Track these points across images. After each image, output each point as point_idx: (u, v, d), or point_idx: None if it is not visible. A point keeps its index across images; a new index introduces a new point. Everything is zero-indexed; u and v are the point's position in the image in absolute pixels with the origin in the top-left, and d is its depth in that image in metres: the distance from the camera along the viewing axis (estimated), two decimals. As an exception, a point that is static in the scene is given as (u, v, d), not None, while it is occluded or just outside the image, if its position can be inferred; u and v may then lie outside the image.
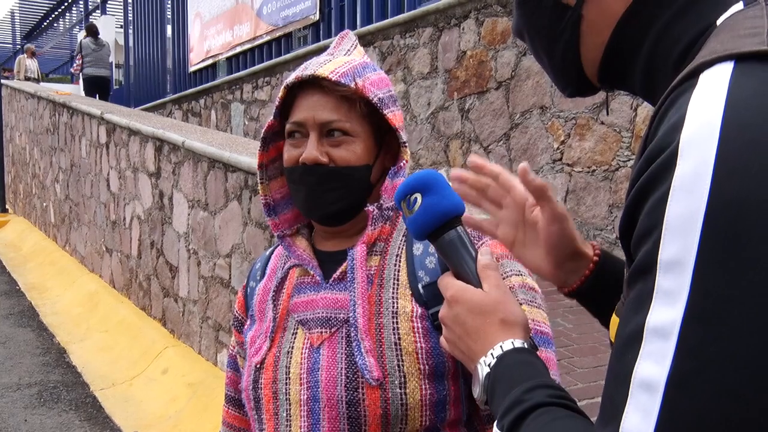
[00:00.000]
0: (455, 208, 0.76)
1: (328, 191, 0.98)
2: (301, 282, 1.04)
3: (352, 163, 0.98)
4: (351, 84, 0.97)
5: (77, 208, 7.47)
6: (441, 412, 0.95)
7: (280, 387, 0.98)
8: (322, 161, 0.97)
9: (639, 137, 3.66)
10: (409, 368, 0.93)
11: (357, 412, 0.93)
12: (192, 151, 4.46)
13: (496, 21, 4.60)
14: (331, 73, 0.96)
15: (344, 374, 0.94)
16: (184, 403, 4.07)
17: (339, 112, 0.97)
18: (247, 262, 3.85)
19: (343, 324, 0.97)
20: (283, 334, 1.02)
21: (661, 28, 0.59)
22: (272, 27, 8.37)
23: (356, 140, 0.98)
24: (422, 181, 0.76)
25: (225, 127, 8.60)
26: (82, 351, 5.23)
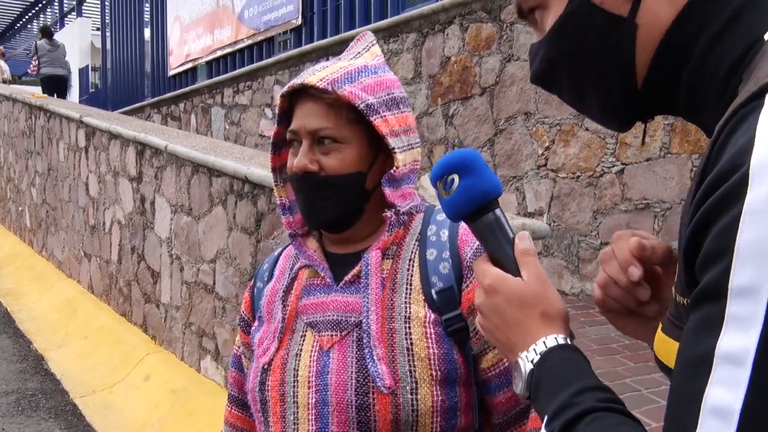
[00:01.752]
0: (494, 190, 0.73)
1: (320, 200, 0.97)
2: (310, 284, 1.03)
3: (340, 171, 0.97)
4: (340, 89, 0.95)
5: (54, 212, 7.35)
6: (452, 418, 0.94)
7: (288, 390, 0.98)
8: (311, 169, 0.96)
9: (623, 143, 3.72)
10: (421, 374, 0.93)
11: (367, 417, 0.92)
12: (175, 155, 4.42)
13: (481, 27, 4.63)
14: (319, 80, 0.96)
15: (354, 378, 0.94)
16: (167, 410, 4.01)
17: (328, 120, 0.96)
18: (232, 267, 3.82)
19: (354, 328, 0.97)
20: (292, 336, 1.01)
21: (709, 41, 0.57)
22: (254, 31, 8.33)
23: (345, 147, 0.97)
24: (460, 161, 0.73)
25: (205, 132, 8.53)
26: (60, 358, 5.14)
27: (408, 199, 1.01)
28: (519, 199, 4.34)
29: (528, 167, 4.28)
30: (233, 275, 3.81)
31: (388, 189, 0.98)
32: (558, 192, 4.08)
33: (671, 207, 3.47)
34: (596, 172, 3.86)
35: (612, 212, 3.76)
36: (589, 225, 3.89)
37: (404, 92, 1.05)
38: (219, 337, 3.95)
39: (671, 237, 3.46)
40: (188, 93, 9.18)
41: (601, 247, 3.82)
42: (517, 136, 4.36)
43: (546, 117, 4.16)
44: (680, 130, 3.44)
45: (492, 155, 4.53)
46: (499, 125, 4.48)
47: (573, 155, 3.99)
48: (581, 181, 3.94)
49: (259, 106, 7.38)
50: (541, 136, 4.19)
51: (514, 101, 4.38)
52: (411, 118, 1.04)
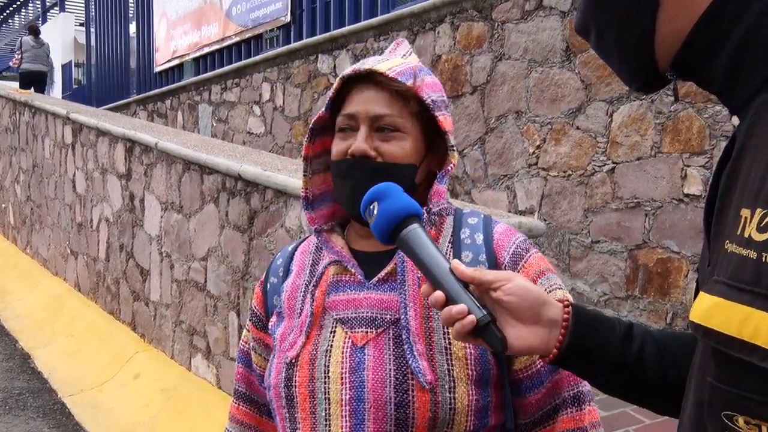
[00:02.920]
0: (406, 209, 0.84)
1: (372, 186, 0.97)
2: (338, 280, 1.02)
3: (399, 160, 0.98)
4: (407, 81, 0.97)
5: (39, 209, 7.26)
6: (484, 417, 0.96)
7: (318, 386, 0.97)
8: (371, 154, 0.97)
9: (614, 142, 3.75)
10: (459, 373, 0.94)
11: (405, 414, 0.92)
12: (166, 152, 4.39)
13: (472, 25, 4.65)
14: (388, 69, 0.97)
15: (393, 375, 0.94)
16: (157, 409, 3.99)
17: (392, 108, 0.98)
18: (224, 265, 3.81)
19: (390, 325, 0.96)
20: (320, 332, 1.00)
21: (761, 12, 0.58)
22: (242, 28, 8.29)
23: (406, 137, 0.98)
24: (376, 190, 0.86)
25: (192, 129, 8.48)
26: (47, 356, 5.09)
27: (440, 198, 1.02)
28: (510, 198, 4.36)
29: (519, 166, 4.30)
30: (225, 273, 3.80)
31: (440, 185, 1.00)
32: (549, 190, 4.11)
33: (662, 206, 3.51)
34: (587, 171, 3.89)
35: (603, 211, 3.80)
36: (580, 223, 3.93)
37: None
38: (210, 335, 3.94)
39: (662, 236, 3.50)
40: (175, 90, 9.10)
41: (592, 246, 3.85)
42: (508, 134, 4.39)
43: (537, 116, 4.18)
44: (671, 130, 3.48)
45: (483, 154, 4.55)
46: (490, 124, 4.51)
47: (564, 154, 4.02)
48: (572, 180, 3.97)
49: (247, 104, 7.35)
50: (532, 134, 4.22)
51: (505, 100, 4.40)
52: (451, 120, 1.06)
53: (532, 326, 0.78)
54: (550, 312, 0.79)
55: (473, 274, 0.79)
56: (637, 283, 3.61)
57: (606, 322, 0.81)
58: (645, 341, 0.80)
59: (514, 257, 1.00)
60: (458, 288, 0.78)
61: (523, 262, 1.00)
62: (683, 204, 3.41)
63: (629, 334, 0.80)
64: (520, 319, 0.78)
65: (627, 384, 0.80)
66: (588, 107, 3.88)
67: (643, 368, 0.78)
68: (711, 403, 0.56)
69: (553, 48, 4.07)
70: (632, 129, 3.66)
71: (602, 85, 3.80)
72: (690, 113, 3.39)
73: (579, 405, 0.97)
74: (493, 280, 0.79)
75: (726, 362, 0.53)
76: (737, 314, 0.51)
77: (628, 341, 0.79)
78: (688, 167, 3.40)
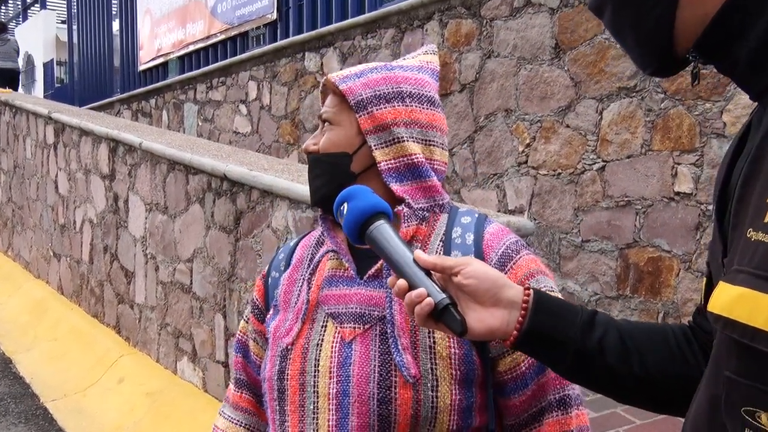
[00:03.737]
0: (372, 207, 0.88)
1: (315, 177, 1.06)
2: (333, 275, 1.04)
3: (329, 150, 1.04)
4: (347, 84, 1.05)
5: (21, 211, 7.14)
6: (468, 418, 0.96)
7: (308, 379, 0.98)
8: (312, 149, 1.06)
9: (605, 140, 3.72)
10: (442, 372, 0.95)
11: (388, 410, 0.94)
12: (150, 152, 4.31)
13: (460, 23, 4.60)
14: (336, 76, 1.06)
15: (377, 371, 0.95)
16: (142, 413, 3.92)
17: (332, 106, 1.06)
18: (210, 267, 3.74)
19: (377, 322, 0.98)
20: (312, 325, 1.02)
21: None
22: (227, 26, 8.19)
23: (336, 128, 1.05)
24: (346, 193, 0.91)
25: (177, 128, 8.37)
26: (29, 361, 4.99)
27: (430, 194, 1.03)
28: (499, 197, 4.33)
29: (508, 164, 4.27)
30: (211, 275, 3.73)
31: (395, 185, 1.01)
32: (539, 189, 4.08)
33: (652, 204, 3.48)
34: (577, 170, 3.86)
35: (593, 210, 3.77)
36: (570, 222, 3.90)
37: (428, 91, 1.07)
38: (196, 338, 3.87)
39: (652, 234, 3.47)
40: (159, 89, 8.99)
41: (582, 245, 3.82)
42: (497, 133, 4.35)
43: (526, 114, 4.15)
44: (661, 128, 3.45)
45: (472, 152, 4.51)
46: (479, 122, 4.47)
47: (554, 152, 3.99)
48: (562, 179, 3.94)
49: (233, 103, 7.26)
50: (522, 133, 4.18)
51: (494, 98, 4.37)
52: (423, 113, 1.05)
53: (491, 308, 0.80)
54: (509, 293, 0.80)
55: (434, 260, 0.81)
56: (627, 282, 3.59)
57: (568, 308, 0.81)
58: (607, 330, 0.80)
59: (502, 258, 1.00)
60: (420, 275, 0.81)
61: (512, 263, 1.00)
62: (674, 202, 3.39)
63: (591, 321, 0.80)
64: (480, 302, 0.80)
65: (587, 372, 0.80)
66: (578, 105, 3.85)
67: (604, 356, 0.78)
68: (729, 398, 0.53)
69: (543, 45, 4.04)
70: (622, 127, 3.63)
71: (592, 82, 3.77)
72: (680, 111, 3.37)
73: (565, 408, 0.97)
74: (453, 266, 0.81)
75: (749, 355, 0.51)
76: (765, 305, 0.49)
77: (589, 328, 0.79)
78: (679, 165, 3.38)
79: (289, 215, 3.10)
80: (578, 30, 3.82)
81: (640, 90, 3.53)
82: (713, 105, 3.23)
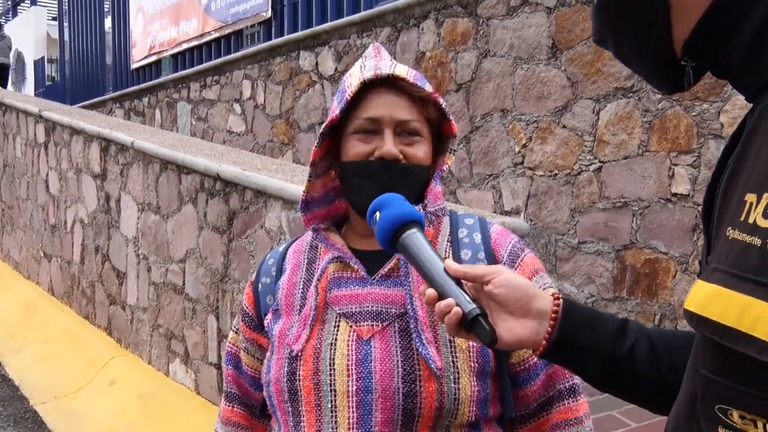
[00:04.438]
0: (404, 215, 0.88)
1: (399, 188, 0.99)
2: (339, 276, 1.05)
3: (422, 162, 1.03)
4: (425, 87, 1.03)
5: (11, 211, 7.06)
6: (484, 408, 1.00)
7: (324, 378, 0.98)
8: (400, 157, 1.02)
9: (601, 141, 3.70)
10: (462, 365, 0.98)
11: (413, 403, 0.95)
12: (142, 151, 4.25)
13: (456, 22, 4.57)
14: (406, 74, 1.02)
15: (401, 366, 0.96)
16: (134, 415, 3.87)
17: (412, 113, 1.03)
18: (202, 267, 3.69)
19: (396, 319, 1.00)
20: (322, 326, 1.02)
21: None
22: (221, 23, 8.13)
23: (425, 141, 1.04)
24: (379, 201, 0.91)
25: (171, 127, 8.31)
26: (19, 363, 4.93)
27: (437, 198, 1.06)
28: (495, 198, 4.29)
29: (505, 165, 4.23)
30: (204, 275, 3.68)
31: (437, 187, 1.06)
32: (535, 190, 4.05)
33: (649, 205, 3.46)
34: (574, 170, 3.83)
35: (590, 211, 3.74)
36: (566, 224, 3.87)
37: None
38: (189, 339, 3.82)
39: (649, 236, 3.45)
40: (152, 87, 8.92)
41: (578, 247, 3.80)
42: (493, 133, 4.32)
43: (523, 114, 4.12)
44: (658, 128, 3.43)
45: (468, 152, 4.48)
46: (476, 122, 4.43)
47: (550, 153, 3.96)
48: (558, 179, 3.91)
49: (227, 102, 7.20)
50: (518, 133, 4.15)
51: (490, 98, 4.33)
52: None
53: (521, 318, 0.80)
54: (539, 304, 0.80)
55: (464, 269, 0.82)
56: (624, 284, 3.56)
57: (598, 317, 0.81)
58: (638, 338, 0.80)
59: (511, 255, 1.05)
60: (451, 284, 0.81)
61: (520, 260, 1.05)
62: (671, 203, 3.37)
63: (622, 329, 0.80)
64: (510, 311, 0.80)
65: (617, 380, 0.80)
66: (574, 105, 3.82)
67: (634, 365, 0.79)
68: (704, 395, 0.54)
69: (539, 45, 4.01)
70: (619, 127, 3.61)
71: (589, 82, 3.74)
72: (677, 111, 3.35)
73: (575, 396, 1.03)
74: (484, 275, 0.81)
75: (722, 354, 0.51)
76: (736, 304, 0.49)
77: (621, 337, 0.79)
78: (676, 166, 3.35)
79: (283, 216, 3.06)
80: (575, 29, 3.79)
81: (638, 90, 3.51)
82: (711, 106, 3.21)
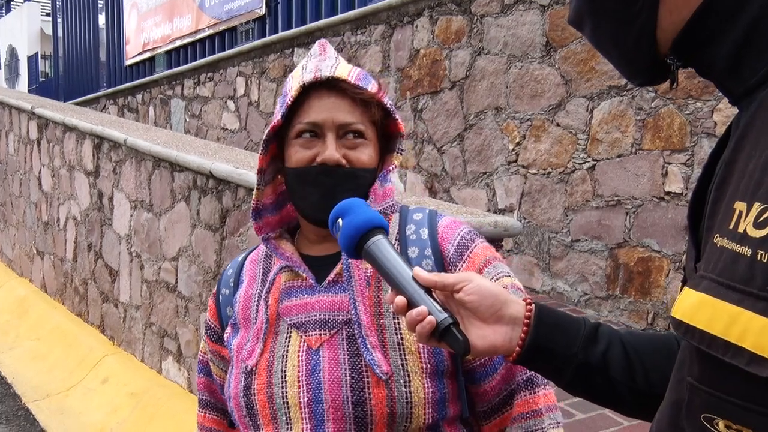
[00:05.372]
0: (367, 222, 0.85)
1: (342, 192, 0.97)
2: (290, 286, 1.03)
3: (366, 165, 1.00)
4: (369, 88, 0.99)
5: (4, 208, 7.03)
6: (442, 409, 0.97)
7: (276, 391, 0.97)
8: (342, 162, 0.98)
9: (595, 139, 3.70)
10: (413, 367, 0.95)
11: (363, 411, 0.94)
12: (135, 149, 4.23)
13: (451, 19, 4.56)
14: (348, 75, 0.98)
15: (348, 374, 0.95)
16: (126, 413, 3.86)
17: (355, 115, 0.99)
18: (195, 265, 3.68)
19: (343, 326, 0.97)
20: (275, 338, 1.00)
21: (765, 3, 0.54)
22: (215, 20, 8.10)
23: (369, 143, 1.01)
24: (341, 207, 0.88)
25: (164, 124, 8.28)
26: (11, 360, 4.91)
27: (385, 197, 1.04)
28: (489, 196, 4.29)
29: (498, 163, 4.23)
30: (197, 273, 3.67)
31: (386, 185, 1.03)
32: (529, 188, 4.05)
33: (642, 204, 3.46)
34: (567, 168, 3.83)
35: (583, 209, 3.74)
36: (560, 222, 3.87)
37: None
38: (181, 337, 3.81)
39: (642, 234, 3.46)
40: (146, 84, 8.89)
41: (572, 245, 3.80)
42: (487, 131, 4.31)
43: (517, 112, 4.12)
44: (652, 126, 3.43)
45: (462, 150, 4.48)
46: (469, 120, 4.43)
47: (544, 151, 3.96)
48: (552, 178, 3.91)
49: (221, 98, 7.18)
50: (512, 131, 4.15)
51: (484, 96, 4.33)
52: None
53: (494, 325, 0.79)
54: (512, 309, 0.79)
55: (434, 278, 0.80)
56: (617, 282, 3.57)
57: (571, 321, 0.80)
58: (611, 342, 0.79)
59: (459, 249, 1.01)
60: (420, 293, 0.79)
61: (468, 252, 1.01)
62: (664, 202, 3.37)
63: (594, 334, 0.79)
64: (482, 318, 0.79)
65: (591, 385, 0.79)
66: (568, 103, 3.82)
67: (607, 370, 0.78)
68: (690, 403, 0.54)
69: (533, 43, 4.00)
70: (613, 126, 3.61)
71: (582, 80, 3.74)
72: (671, 110, 3.35)
73: (532, 388, 0.98)
74: (454, 282, 0.79)
75: (708, 363, 0.51)
76: (724, 313, 0.49)
77: (593, 342, 0.79)
78: (669, 165, 3.36)
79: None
80: (569, 28, 3.79)
81: (631, 89, 3.51)
82: (704, 104, 3.21)
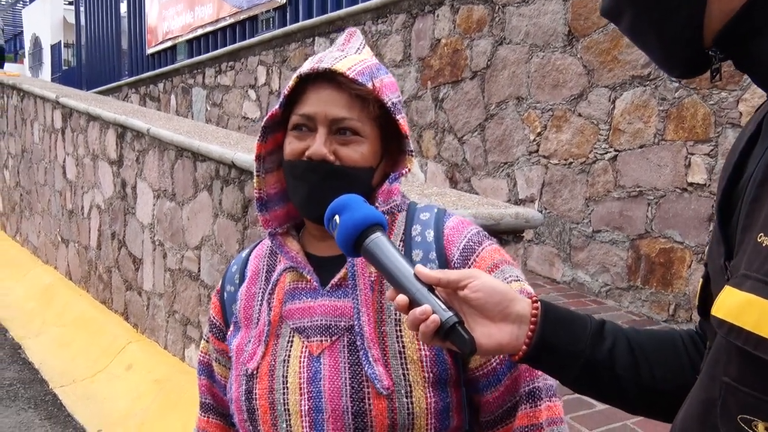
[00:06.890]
0: (365, 219, 0.82)
1: (330, 190, 0.92)
2: (294, 287, 0.99)
3: (358, 164, 0.95)
4: (368, 83, 0.94)
5: (29, 196, 7.15)
6: (445, 419, 0.94)
7: (278, 397, 0.95)
8: (329, 159, 0.94)
9: (617, 130, 3.66)
10: (414, 377, 0.92)
11: (363, 423, 0.91)
12: (158, 138, 4.28)
13: (472, 9, 4.53)
14: (348, 69, 0.93)
15: (349, 384, 0.92)
16: (150, 400, 3.92)
17: (351, 111, 0.94)
18: (218, 254, 3.72)
19: (345, 332, 0.95)
20: (277, 341, 0.98)
21: None
22: (236, 9, 8.13)
23: (364, 141, 0.96)
24: (337, 203, 0.85)
25: (186, 113, 8.34)
26: (38, 347, 5.01)
27: (390, 197, 1.00)
28: (510, 186, 4.28)
29: (519, 153, 4.22)
30: (219, 262, 3.71)
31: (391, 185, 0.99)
32: (550, 179, 4.03)
33: (665, 195, 3.43)
34: (589, 159, 3.81)
35: (604, 200, 3.72)
36: (581, 212, 3.85)
37: None
38: (204, 325, 3.86)
39: (664, 225, 3.43)
40: (168, 72, 8.95)
41: (593, 235, 3.78)
42: (508, 121, 4.29)
43: (538, 102, 4.09)
44: (675, 117, 3.39)
45: (483, 140, 4.46)
46: (490, 110, 4.41)
47: (565, 141, 3.93)
48: (573, 168, 3.89)
49: (242, 87, 7.21)
50: (533, 121, 4.13)
51: (505, 85, 4.31)
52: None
53: (500, 323, 0.77)
54: (518, 307, 0.78)
55: (437, 275, 0.78)
56: (639, 273, 3.55)
57: (576, 319, 0.80)
58: (616, 340, 0.79)
59: (464, 253, 0.97)
60: (423, 291, 0.77)
61: (475, 256, 0.97)
62: (687, 193, 3.34)
63: (600, 332, 0.79)
64: (488, 316, 0.77)
65: (597, 382, 0.78)
66: (590, 93, 3.79)
67: (613, 366, 0.77)
68: (725, 403, 0.53)
69: (555, 32, 3.97)
70: (635, 116, 3.57)
71: (605, 70, 3.71)
72: (695, 100, 3.31)
73: (534, 401, 0.94)
74: (459, 279, 0.77)
75: (751, 363, 0.50)
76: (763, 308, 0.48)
77: (599, 339, 0.78)
78: (692, 155, 3.32)
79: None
80: (591, 17, 3.75)
81: (654, 78, 3.47)
82: (729, 94, 3.16)
